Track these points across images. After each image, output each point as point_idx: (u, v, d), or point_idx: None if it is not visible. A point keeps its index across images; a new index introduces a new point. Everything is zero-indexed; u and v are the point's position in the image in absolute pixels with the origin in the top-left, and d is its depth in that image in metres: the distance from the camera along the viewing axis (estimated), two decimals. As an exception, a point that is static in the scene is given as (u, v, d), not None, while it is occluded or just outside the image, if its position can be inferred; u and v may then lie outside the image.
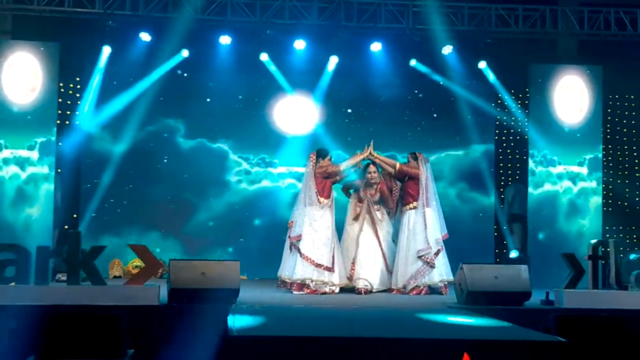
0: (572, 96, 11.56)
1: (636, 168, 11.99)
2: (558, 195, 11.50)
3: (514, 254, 11.36)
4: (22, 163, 10.47)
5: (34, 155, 10.49)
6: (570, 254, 8.04)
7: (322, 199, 9.03)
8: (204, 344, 6.34)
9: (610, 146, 12.04)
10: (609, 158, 12.01)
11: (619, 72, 11.68)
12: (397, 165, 9.39)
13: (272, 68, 11.59)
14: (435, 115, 12.01)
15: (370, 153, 9.31)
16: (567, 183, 11.55)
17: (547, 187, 11.51)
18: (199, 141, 11.77)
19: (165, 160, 11.67)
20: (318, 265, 8.83)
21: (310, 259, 8.83)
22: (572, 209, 11.47)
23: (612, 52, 11.52)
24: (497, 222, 12.00)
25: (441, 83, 11.78)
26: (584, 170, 11.57)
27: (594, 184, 11.58)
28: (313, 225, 8.97)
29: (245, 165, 11.93)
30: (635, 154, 11.99)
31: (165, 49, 11.05)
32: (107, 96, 11.17)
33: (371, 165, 9.26)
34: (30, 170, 10.48)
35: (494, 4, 11.24)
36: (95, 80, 11.05)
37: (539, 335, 5.35)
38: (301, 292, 8.75)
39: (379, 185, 9.29)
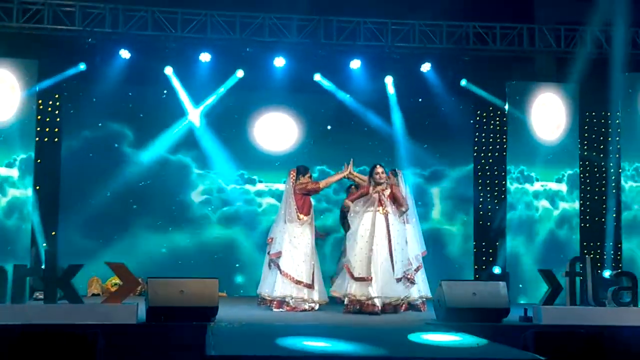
0: (549, 113, 11.69)
1: (613, 185, 12.09)
2: (534, 223, 11.57)
3: (497, 270, 11.41)
4: (0, 182, 10.39)
5: (14, 173, 10.42)
6: (548, 270, 8.08)
7: (302, 216, 9.02)
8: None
9: (587, 163, 12.15)
10: (586, 174, 12.11)
11: (595, 89, 11.82)
12: (377, 183, 9.37)
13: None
14: (415, 132, 12.06)
15: (350, 172, 9.30)
16: (545, 203, 11.62)
17: (524, 210, 11.58)
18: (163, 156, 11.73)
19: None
20: (298, 282, 8.81)
21: (290, 276, 8.81)
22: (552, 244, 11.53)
23: (588, 69, 11.65)
24: (476, 238, 12.06)
25: (420, 100, 11.86)
26: (563, 187, 11.66)
27: (576, 204, 11.65)
28: (293, 242, 8.95)
29: (221, 183, 11.90)
30: (612, 170, 12.10)
31: (147, 66, 11.10)
32: (84, 113, 11.19)
33: (378, 166, 8.77)
34: (12, 193, 10.38)
35: (472, 22, 11.36)
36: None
37: (517, 353, 5.37)
38: (281, 310, 8.73)
39: (390, 186, 8.82)
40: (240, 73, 11.55)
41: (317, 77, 11.70)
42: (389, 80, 11.80)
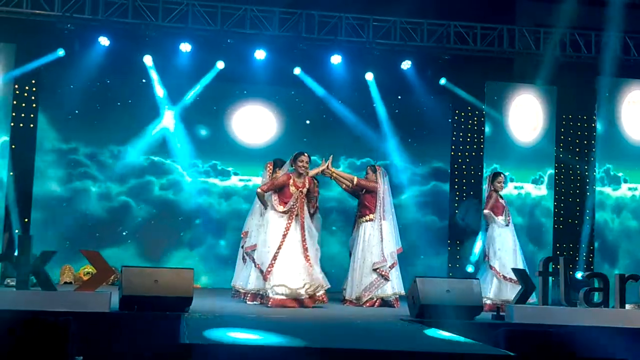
0: (526, 114, 11.79)
1: (587, 187, 12.23)
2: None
3: (470, 268, 11.50)
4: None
5: (-12, 156, 10.32)
6: (522, 269, 8.16)
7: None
8: (154, 351, 6.29)
9: (562, 165, 12.26)
10: (561, 177, 12.23)
11: (573, 92, 11.93)
12: (355, 179, 9.36)
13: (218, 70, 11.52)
14: (393, 129, 12.09)
15: (327, 167, 9.27)
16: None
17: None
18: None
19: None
20: (272, 276, 8.77)
21: (264, 269, 8.77)
22: None
23: (567, 73, 11.76)
24: (451, 237, 12.12)
25: (399, 97, 11.90)
26: (543, 190, 11.77)
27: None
28: (268, 235, 8.90)
29: (183, 172, 11.79)
30: (586, 173, 12.23)
31: (126, 54, 11.01)
32: (63, 99, 11.09)
33: (304, 155, 8.75)
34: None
35: (452, 21, 11.42)
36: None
37: (488, 349, 5.42)
38: (255, 302, 8.72)
39: (307, 179, 8.78)
40: (220, 64, 11.48)
41: (297, 70, 11.68)
42: (369, 76, 11.81)
